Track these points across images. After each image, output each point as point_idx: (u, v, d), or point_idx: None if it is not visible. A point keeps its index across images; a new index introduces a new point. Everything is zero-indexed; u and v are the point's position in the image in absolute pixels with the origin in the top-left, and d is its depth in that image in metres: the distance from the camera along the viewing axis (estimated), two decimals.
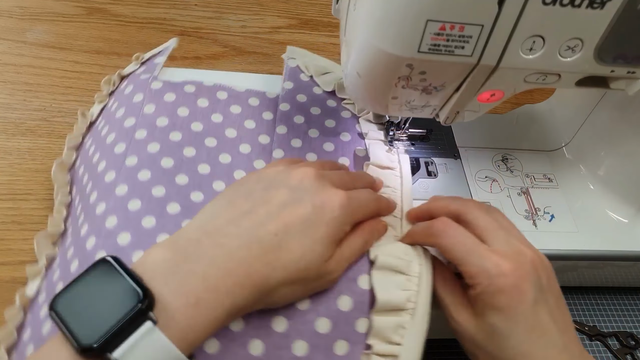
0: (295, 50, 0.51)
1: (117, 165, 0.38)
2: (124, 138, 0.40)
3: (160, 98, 0.42)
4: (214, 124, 0.42)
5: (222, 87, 0.45)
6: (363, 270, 0.34)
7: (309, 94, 0.47)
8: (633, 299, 0.47)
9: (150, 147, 0.39)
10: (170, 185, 0.37)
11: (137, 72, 0.47)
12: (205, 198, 0.37)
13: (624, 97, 0.41)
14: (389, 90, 0.32)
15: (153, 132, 0.40)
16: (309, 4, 0.70)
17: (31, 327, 0.34)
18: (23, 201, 0.45)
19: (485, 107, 0.34)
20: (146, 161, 0.38)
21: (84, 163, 0.42)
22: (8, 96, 0.53)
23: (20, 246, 0.42)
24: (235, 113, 0.44)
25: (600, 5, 0.26)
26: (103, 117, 0.45)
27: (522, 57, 0.28)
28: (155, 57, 0.48)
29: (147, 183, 0.37)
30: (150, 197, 0.36)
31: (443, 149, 0.47)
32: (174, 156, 0.39)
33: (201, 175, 0.38)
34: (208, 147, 0.40)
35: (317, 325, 0.32)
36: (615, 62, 0.29)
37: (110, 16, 0.64)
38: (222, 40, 0.64)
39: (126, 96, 0.44)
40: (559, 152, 0.48)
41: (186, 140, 0.40)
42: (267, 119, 0.44)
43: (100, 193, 0.37)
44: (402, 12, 0.26)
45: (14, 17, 0.61)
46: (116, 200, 0.36)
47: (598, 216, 0.44)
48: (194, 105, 0.43)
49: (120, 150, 0.39)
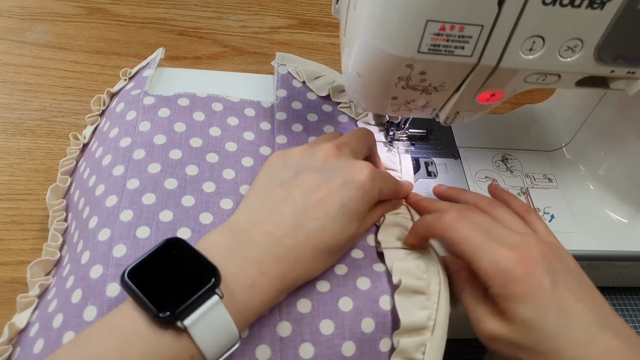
0: (285, 56, 0.50)
1: (118, 189, 0.37)
2: (121, 159, 0.38)
3: (155, 114, 0.41)
4: (213, 138, 0.41)
5: (216, 98, 0.44)
6: (384, 291, 0.34)
7: (303, 101, 0.47)
8: (633, 299, 0.47)
9: (151, 167, 0.38)
10: (178, 208, 0.36)
11: (127, 88, 0.45)
12: (215, 219, 0.37)
13: (624, 97, 0.41)
14: (389, 91, 0.32)
15: (151, 151, 0.39)
16: (309, 4, 0.70)
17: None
18: (23, 201, 0.45)
19: (485, 107, 0.34)
20: (149, 183, 0.37)
21: (79, 188, 0.41)
22: (8, 96, 0.53)
23: (20, 246, 0.42)
24: (232, 125, 0.43)
25: (600, 5, 0.26)
26: (96, 139, 0.43)
27: (522, 57, 0.28)
28: (144, 70, 0.47)
29: (153, 207, 0.36)
30: (159, 223, 0.35)
31: (443, 149, 0.47)
32: (176, 176, 0.38)
33: (207, 194, 0.38)
34: (210, 163, 0.40)
35: (343, 349, 0.32)
36: (615, 62, 0.29)
37: (110, 16, 0.64)
38: (222, 40, 0.64)
39: (118, 114, 0.42)
40: (559, 152, 0.48)
41: (187, 158, 0.39)
42: (265, 130, 0.44)
43: (101, 218, 0.36)
44: (402, 12, 0.26)
45: (14, 17, 0.61)
46: (122, 227, 0.35)
47: (598, 216, 0.44)
48: (190, 119, 0.42)
49: (119, 173, 0.38)
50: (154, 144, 0.39)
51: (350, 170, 0.33)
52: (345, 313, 0.33)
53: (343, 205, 0.32)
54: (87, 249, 0.34)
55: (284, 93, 0.47)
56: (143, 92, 0.43)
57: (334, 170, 0.33)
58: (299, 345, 0.32)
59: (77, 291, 0.33)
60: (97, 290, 0.32)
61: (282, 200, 0.32)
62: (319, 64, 0.50)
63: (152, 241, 0.34)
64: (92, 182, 0.39)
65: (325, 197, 0.32)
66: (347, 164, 0.34)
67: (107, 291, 0.32)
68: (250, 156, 0.41)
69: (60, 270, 0.36)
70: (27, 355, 0.32)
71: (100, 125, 0.44)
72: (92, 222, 0.36)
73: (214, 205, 0.37)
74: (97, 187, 0.38)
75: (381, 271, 0.35)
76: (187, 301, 0.26)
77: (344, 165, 0.34)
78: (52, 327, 0.32)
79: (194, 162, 0.39)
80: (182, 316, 0.26)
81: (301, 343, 0.32)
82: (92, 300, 0.32)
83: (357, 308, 0.33)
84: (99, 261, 0.33)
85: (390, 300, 0.33)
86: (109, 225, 0.35)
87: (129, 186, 0.37)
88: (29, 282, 0.35)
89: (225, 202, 0.38)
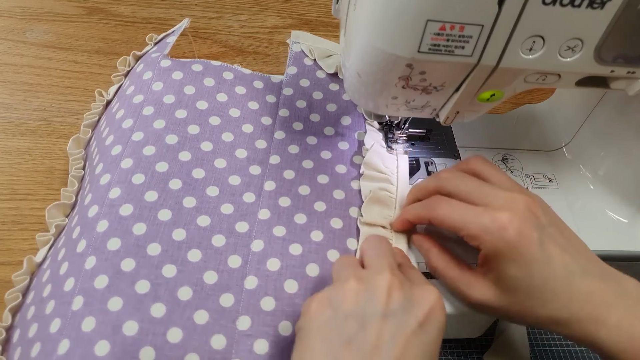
0: (300, 34, 0.51)
1: (124, 140, 0.40)
2: (132, 114, 0.42)
3: (169, 76, 0.44)
4: (219, 103, 0.44)
5: (229, 67, 0.47)
6: None
7: (312, 78, 0.48)
8: None
9: (156, 123, 0.41)
10: (174, 161, 0.39)
11: (149, 52, 0.49)
12: (207, 175, 0.39)
13: (624, 97, 0.41)
14: (389, 91, 0.32)
15: (159, 109, 0.42)
16: (309, 4, 0.70)
17: (35, 290, 0.36)
18: (23, 201, 0.45)
19: (485, 107, 0.34)
20: (151, 137, 0.40)
21: (96, 140, 0.44)
22: (8, 96, 0.53)
23: (20, 246, 0.42)
24: (240, 94, 0.45)
25: (600, 5, 0.26)
26: (117, 98, 0.47)
27: (522, 57, 0.28)
28: (168, 37, 0.50)
29: (151, 158, 0.39)
30: (154, 172, 0.38)
31: (443, 149, 0.47)
32: (178, 133, 0.41)
33: (204, 153, 0.40)
34: (212, 125, 0.42)
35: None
36: (615, 62, 0.29)
37: (110, 16, 0.64)
38: (222, 40, 0.64)
39: (137, 74, 0.46)
40: (559, 152, 0.48)
41: (191, 118, 0.42)
42: (270, 102, 0.46)
43: (105, 164, 0.39)
44: (402, 12, 0.26)
45: (14, 17, 0.61)
46: (121, 173, 0.38)
47: (598, 216, 0.44)
48: (201, 84, 0.44)
49: (127, 125, 0.41)
50: (163, 102, 0.42)
51: (422, 306, 0.28)
52: (310, 278, 0.35)
53: (426, 346, 0.27)
54: (90, 192, 0.38)
55: (294, 70, 0.48)
56: (162, 55, 0.46)
57: (404, 311, 0.28)
58: (262, 298, 0.34)
59: (77, 229, 0.36)
60: (90, 226, 0.36)
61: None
62: (333, 43, 0.51)
63: (145, 187, 0.37)
64: (105, 133, 0.42)
65: (405, 349, 0.27)
66: (413, 298, 0.29)
67: (98, 227, 0.35)
68: (250, 123, 0.44)
69: (73, 213, 0.40)
70: (38, 283, 0.36)
71: (124, 86, 0.47)
72: (98, 168, 0.39)
73: (208, 163, 0.40)
74: (108, 137, 0.41)
75: (353, 249, 0.37)
76: None
77: (412, 301, 0.29)
78: (57, 260, 0.36)
79: (196, 122, 0.42)
80: None
81: (264, 296, 0.34)
82: (84, 235, 0.35)
83: (323, 276, 0.36)
84: (96, 202, 0.37)
85: None
86: (110, 171, 0.38)
87: (134, 138, 0.40)
88: (48, 222, 0.39)
89: (219, 162, 0.40)
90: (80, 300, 0.32)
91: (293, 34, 0.51)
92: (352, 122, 0.45)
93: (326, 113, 0.46)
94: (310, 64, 0.49)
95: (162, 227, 0.36)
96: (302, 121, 0.45)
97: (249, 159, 0.42)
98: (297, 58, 0.49)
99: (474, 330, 0.39)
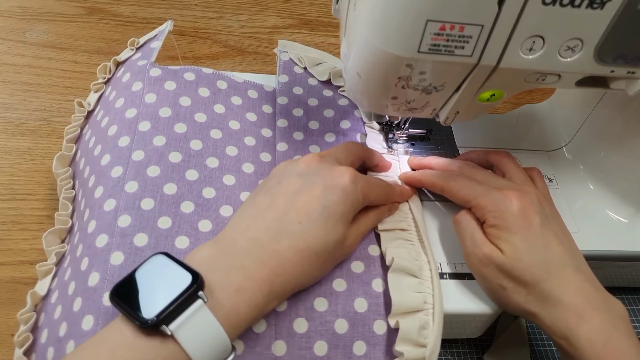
0: (287, 44, 0.51)
1: (123, 160, 0.37)
2: (127, 130, 0.39)
3: (161, 87, 0.42)
4: (218, 115, 0.42)
5: (221, 75, 0.45)
6: (377, 274, 0.35)
7: (304, 86, 0.47)
8: (633, 299, 0.47)
9: (156, 140, 0.39)
10: (181, 181, 0.37)
11: (134, 59, 0.46)
12: (217, 193, 0.37)
13: (624, 97, 0.41)
14: (389, 91, 0.32)
15: (157, 124, 0.39)
16: (309, 4, 0.70)
17: (48, 329, 0.33)
18: (23, 201, 0.45)
19: (485, 107, 0.34)
20: (154, 156, 0.38)
21: (84, 156, 0.41)
22: (8, 96, 0.53)
23: (20, 246, 0.42)
24: (236, 104, 0.44)
25: (600, 5, 0.26)
26: (101, 107, 0.44)
27: (522, 57, 0.28)
28: (151, 42, 0.47)
29: (157, 180, 0.37)
30: (163, 195, 0.36)
31: (443, 149, 0.47)
32: (181, 150, 0.39)
33: (211, 170, 0.39)
34: (214, 139, 0.40)
35: (336, 326, 0.33)
36: (615, 62, 0.29)
37: (110, 16, 0.64)
38: (222, 40, 0.64)
39: (124, 84, 0.43)
40: (559, 152, 0.48)
41: (192, 132, 0.40)
42: (267, 112, 0.45)
43: (107, 188, 0.36)
44: (402, 12, 0.26)
45: (14, 17, 0.61)
46: (127, 199, 0.35)
47: (598, 216, 0.44)
48: (196, 94, 0.42)
49: (124, 144, 0.38)
50: (160, 116, 0.40)
51: (331, 175, 0.34)
52: (339, 293, 0.34)
53: (325, 209, 0.32)
54: (93, 218, 0.36)
55: (285, 78, 0.47)
56: (149, 63, 0.44)
57: (316, 175, 0.34)
58: (294, 320, 0.33)
59: (84, 259, 0.34)
60: (102, 258, 0.33)
61: (265, 207, 0.33)
62: (320, 52, 0.50)
63: (156, 213, 0.35)
64: (98, 152, 0.39)
65: (307, 201, 0.32)
66: (328, 169, 0.34)
67: (112, 259, 0.33)
68: (252, 136, 0.42)
69: (72, 237, 0.38)
70: (50, 320, 0.33)
71: (106, 94, 0.45)
72: (97, 192, 0.37)
73: (217, 181, 0.38)
74: (103, 157, 0.38)
75: (375, 255, 0.37)
76: (169, 306, 0.26)
77: (326, 170, 0.34)
78: (67, 294, 0.33)
79: (198, 137, 0.40)
80: (166, 321, 0.26)
81: (296, 318, 0.33)
82: (96, 267, 0.33)
83: (351, 289, 0.34)
84: (104, 231, 0.34)
85: (383, 283, 0.35)
86: (114, 195, 0.36)
87: (134, 158, 0.37)
88: (46, 251, 0.37)
89: (228, 179, 0.39)
90: None
91: (280, 44, 0.51)
92: (352, 126, 0.45)
93: (324, 119, 0.45)
94: (300, 72, 0.48)
95: (181, 255, 0.33)
96: (302, 130, 0.44)
97: (256, 173, 0.40)
98: (286, 67, 0.49)
99: (474, 330, 0.39)
